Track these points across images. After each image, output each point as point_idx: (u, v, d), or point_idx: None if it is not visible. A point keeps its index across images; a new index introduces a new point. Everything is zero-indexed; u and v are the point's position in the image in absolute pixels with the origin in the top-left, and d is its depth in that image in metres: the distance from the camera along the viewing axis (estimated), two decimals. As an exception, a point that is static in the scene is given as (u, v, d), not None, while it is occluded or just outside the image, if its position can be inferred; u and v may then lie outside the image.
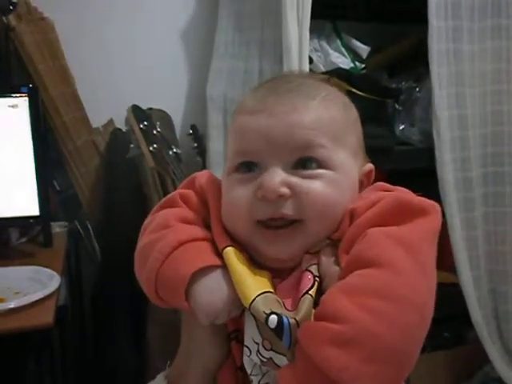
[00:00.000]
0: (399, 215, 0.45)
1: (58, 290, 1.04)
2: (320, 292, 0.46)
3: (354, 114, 0.54)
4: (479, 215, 1.42)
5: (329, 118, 0.49)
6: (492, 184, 1.43)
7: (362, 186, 0.52)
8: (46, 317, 0.94)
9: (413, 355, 0.42)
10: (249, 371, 0.49)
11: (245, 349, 0.48)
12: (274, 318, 0.44)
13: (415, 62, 1.53)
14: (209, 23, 1.57)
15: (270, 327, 0.44)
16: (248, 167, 0.49)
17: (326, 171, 0.48)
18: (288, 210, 0.47)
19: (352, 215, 0.48)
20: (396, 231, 0.44)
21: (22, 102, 1.24)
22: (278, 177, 0.47)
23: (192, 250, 0.48)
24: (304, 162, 0.48)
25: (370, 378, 0.40)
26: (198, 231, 0.50)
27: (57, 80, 1.46)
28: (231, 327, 0.51)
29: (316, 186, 0.47)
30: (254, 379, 0.49)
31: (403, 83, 1.49)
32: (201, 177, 0.55)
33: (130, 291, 1.39)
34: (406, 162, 1.40)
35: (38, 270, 1.13)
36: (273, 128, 0.47)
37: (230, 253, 0.48)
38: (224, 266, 0.48)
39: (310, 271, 0.47)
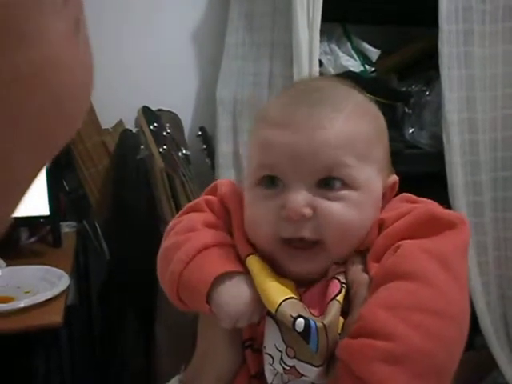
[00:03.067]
0: (429, 227, 0.45)
1: (67, 289, 1.05)
2: (347, 299, 0.46)
3: (381, 124, 0.52)
4: (488, 220, 1.41)
5: (356, 134, 0.48)
6: (502, 189, 1.42)
7: (385, 197, 0.51)
8: (55, 316, 0.95)
9: (454, 368, 0.42)
10: (269, 380, 0.48)
11: (267, 357, 0.48)
12: (300, 321, 0.44)
13: (425, 66, 1.52)
14: (219, 25, 1.58)
15: (296, 331, 0.44)
16: (271, 181, 0.49)
17: (349, 192, 0.47)
18: (307, 232, 0.47)
19: (381, 225, 0.48)
20: (430, 245, 0.44)
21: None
22: (301, 197, 0.46)
23: (216, 254, 0.49)
24: (328, 182, 0.47)
25: None
26: (222, 236, 0.51)
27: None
28: (246, 335, 0.51)
29: (338, 208, 0.47)
30: None
31: (413, 86, 1.48)
32: (222, 185, 0.55)
33: (138, 291, 1.39)
34: (415, 166, 1.39)
35: (48, 269, 1.13)
36: (298, 146, 0.46)
37: (254, 261, 0.48)
38: (247, 273, 0.48)
39: (337, 278, 0.47)
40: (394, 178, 0.52)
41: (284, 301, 0.45)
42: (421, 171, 1.41)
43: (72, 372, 1.26)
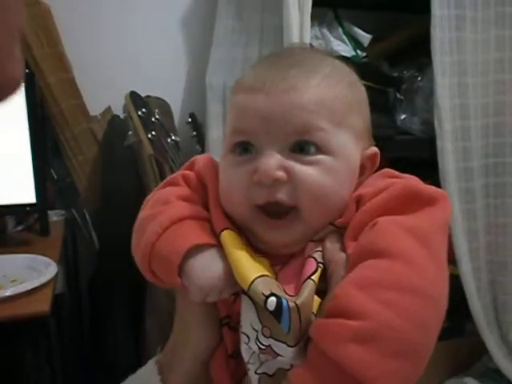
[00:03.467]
0: (408, 203, 0.44)
1: (54, 278, 1.03)
2: (324, 279, 0.45)
3: (360, 92, 0.51)
4: (480, 206, 1.41)
5: (331, 98, 0.46)
6: (493, 175, 1.42)
7: (366, 170, 0.50)
8: (43, 305, 0.94)
9: (430, 349, 0.41)
10: (246, 359, 0.47)
11: (243, 336, 0.47)
12: (272, 300, 0.43)
13: (417, 51, 1.51)
14: (208, 10, 1.55)
15: (268, 309, 0.43)
16: (244, 148, 0.48)
17: (324, 157, 0.46)
18: (283, 195, 0.45)
19: (358, 201, 0.46)
20: (407, 221, 0.43)
21: (18, 88, 1.22)
22: (274, 160, 0.45)
23: (190, 226, 0.48)
24: (302, 146, 0.46)
25: (393, 374, 0.39)
26: (197, 210, 0.50)
27: (54, 67, 1.44)
28: (223, 313, 0.50)
29: (312, 173, 0.45)
30: (251, 367, 0.47)
31: (405, 72, 1.47)
32: (200, 160, 0.54)
33: (127, 280, 1.38)
34: (406, 152, 1.39)
35: (35, 258, 1.12)
36: (270, 109, 0.45)
37: (228, 235, 0.47)
38: (221, 247, 0.47)
39: (313, 257, 0.46)
40: (374, 149, 0.51)
41: (257, 278, 0.44)
42: (412, 157, 1.40)
43: (61, 361, 1.25)
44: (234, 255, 0.46)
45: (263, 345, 0.45)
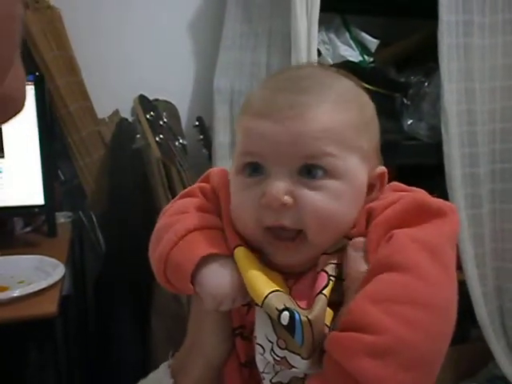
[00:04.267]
0: (418, 215, 0.45)
1: (62, 279, 1.04)
2: (336, 291, 0.45)
3: (369, 113, 0.51)
4: (486, 212, 1.41)
5: (340, 124, 0.47)
6: (500, 181, 1.42)
7: (374, 188, 0.51)
8: (50, 306, 0.94)
9: (442, 360, 0.42)
10: (261, 369, 0.48)
11: (258, 347, 0.47)
12: (286, 314, 0.44)
13: (424, 57, 1.51)
14: (217, 14, 1.56)
15: (282, 324, 0.44)
16: (254, 169, 0.48)
17: (331, 181, 0.46)
18: (288, 220, 0.46)
19: (370, 214, 0.47)
20: (420, 234, 0.44)
21: (28, 91, 1.23)
22: (281, 185, 0.46)
23: (205, 236, 0.49)
24: (310, 169, 0.46)
25: None
26: (214, 220, 0.51)
27: (63, 70, 1.46)
28: (236, 323, 0.51)
29: (319, 198, 0.46)
30: (266, 377, 0.48)
31: (412, 77, 1.48)
32: (215, 174, 0.55)
33: (133, 281, 1.39)
34: (413, 157, 1.39)
35: (43, 259, 1.12)
36: (277, 136, 0.46)
37: (241, 252, 0.48)
38: (234, 259, 0.48)
39: (325, 271, 0.46)
40: (382, 168, 0.51)
41: (270, 293, 0.45)
42: (419, 163, 1.40)
43: (67, 362, 1.25)
44: (248, 271, 0.47)
45: (278, 356, 0.46)
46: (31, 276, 1.05)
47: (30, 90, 1.24)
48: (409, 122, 1.45)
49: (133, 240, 1.37)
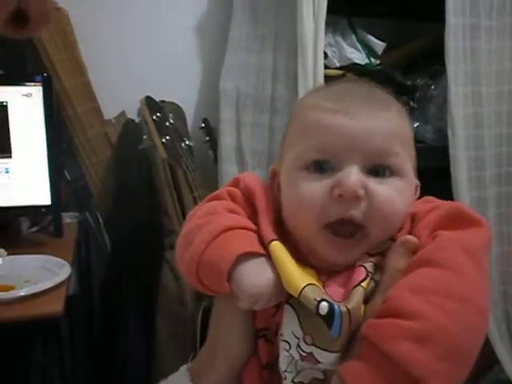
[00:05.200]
0: (459, 221, 0.48)
1: (68, 279, 1.04)
2: (370, 290, 0.46)
3: (412, 131, 0.55)
4: (492, 215, 1.40)
5: (402, 128, 0.51)
6: (506, 184, 1.42)
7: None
8: (56, 306, 0.95)
9: (475, 355, 0.44)
10: (284, 368, 0.49)
11: (283, 343, 0.48)
12: (324, 305, 0.44)
13: (431, 60, 1.51)
14: (223, 16, 1.57)
15: (320, 314, 0.44)
16: (320, 167, 0.49)
17: (396, 179, 0.49)
18: (357, 212, 0.47)
19: (413, 218, 0.50)
20: (462, 237, 0.47)
21: (36, 91, 1.24)
22: (355, 176, 0.47)
23: (239, 235, 0.50)
24: (378, 170, 0.49)
25: (442, 376, 0.41)
26: (246, 221, 0.51)
27: (70, 71, 1.46)
28: (260, 325, 0.52)
29: (386, 192, 0.48)
30: (288, 376, 0.49)
31: (418, 80, 1.47)
32: (245, 177, 0.56)
33: (138, 282, 1.39)
34: (419, 160, 1.38)
35: (49, 259, 1.13)
36: (356, 129, 0.48)
37: (278, 246, 0.49)
38: (269, 257, 0.49)
39: (363, 266, 0.47)
40: (417, 182, 0.55)
41: (307, 286, 0.46)
42: (425, 166, 1.39)
43: (72, 361, 1.26)
44: (283, 264, 0.47)
45: (304, 352, 0.46)
46: (37, 275, 1.06)
47: (38, 91, 1.24)
48: (415, 125, 1.45)
49: (138, 240, 1.37)
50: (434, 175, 1.40)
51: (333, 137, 0.49)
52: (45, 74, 1.28)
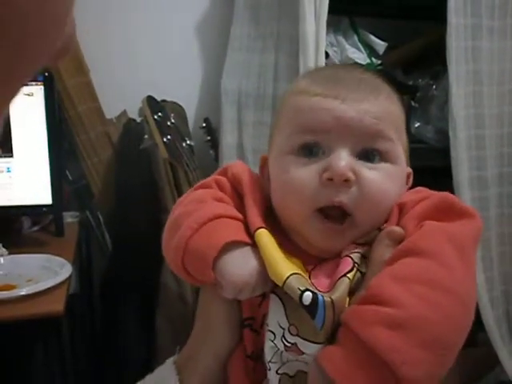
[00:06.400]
0: (448, 212, 0.47)
1: (69, 278, 1.05)
2: (356, 281, 0.46)
3: (404, 116, 0.54)
4: (493, 215, 1.40)
5: (394, 112, 0.51)
6: (507, 184, 1.41)
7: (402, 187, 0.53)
8: (57, 305, 0.95)
9: (457, 347, 0.43)
10: (268, 358, 0.48)
11: (268, 333, 0.47)
12: (308, 294, 0.44)
13: (432, 60, 1.51)
14: (224, 16, 1.57)
15: (303, 304, 0.44)
16: (309, 150, 0.49)
17: (387, 164, 0.49)
18: (346, 198, 0.47)
19: (401, 208, 0.49)
20: (450, 228, 0.45)
21: (37, 91, 1.24)
22: (346, 160, 0.47)
23: (226, 224, 0.49)
24: (368, 154, 0.48)
25: (419, 364, 0.40)
26: (232, 210, 0.51)
27: (72, 70, 1.47)
28: (246, 314, 0.51)
29: (376, 177, 0.48)
30: (273, 367, 0.48)
31: (420, 80, 1.47)
32: (233, 166, 0.55)
33: (139, 281, 1.39)
34: (420, 161, 1.38)
35: (50, 258, 1.13)
36: (346, 112, 0.48)
37: (263, 234, 0.48)
38: (255, 246, 0.48)
39: (350, 257, 0.47)
40: (409, 169, 0.54)
41: (291, 275, 0.45)
42: (426, 166, 1.39)
43: (73, 360, 1.26)
44: (269, 253, 0.47)
45: (289, 342, 0.46)
46: (39, 275, 1.06)
47: (40, 90, 1.24)
48: (416, 125, 1.44)
49: (139, 240, 1.37)
50: (435, 175, 1.40)
51: (323, 118, 0.48)
52: (46, 74, 1.28)
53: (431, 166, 1.42)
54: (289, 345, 0.46)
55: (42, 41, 0.23)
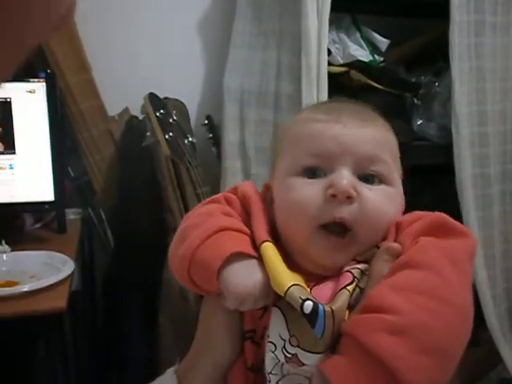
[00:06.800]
0: (443, 231, 0.49)
1: (71, 275, 1.05)
2: (356, 297, 0.47)
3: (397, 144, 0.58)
4: (496, 213, 1.40)
5: (390, 139, 0.54)
6: (510, 182, 1.41)
7: None
8: (60, 301, 0.95)
9: (458, 354, 0.44)
10: (269, 369, 0.49)
11: (269, 345, 0.48)
12: (309, 303, 0.45)
13: (435, 57, 1.51)
14: (226, 13, 1.56)
15: (304, 313, 0.44)
16: (313, 173, 0.51)
17: (385, 186, 0.51)
18: (347, 214, 0.49)
19: (398, 227, 0.51)
20: (444, 244, 0.47)
21: (39, 88, 1.24)
22: (348, 178, 0.49)
23: (232, 236, 0.51)
24: (368, 177, 0.51)
25: (423, 370, 0.41)
26: (240, 224, 0.53)
27: (74, 67, 1.47)
28: (248, 327, 0.52)
29: (376, 196, 0.50)
30: (273, 378, 0.49)
31: (422, 77, 1.47)
32: (243, 185, 0.57)
33: (141, 278, 1.40)
34: (423, 158, 1.38)
35: (52, 255, 1.14)
36: (347, 136, 0.51)
37: (269, 247, 0.50)
38: (260, 259, 0.50)
39: (350, 272, 0.48)
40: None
41: (293, 285, 0.46)
42: (429, 163, 1.39)
43: (75, 357, 1.26)
44: (273, 264, 0.49)
45: (289, 353, 0.47)
46: (41, 271, 1.06)
47: (42, 87, 1.24)
48: (419, 123, 1.44)
49: (141, 237, 1.38)
50: (438, 173, 1.40)
51: (326, 143, 0.51)
52: (48, 71, 1.28)
53: (434, 164, 1.42)
54: (289, 356, 0.47)
55: (46, 9, 0.23)
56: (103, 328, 1.51)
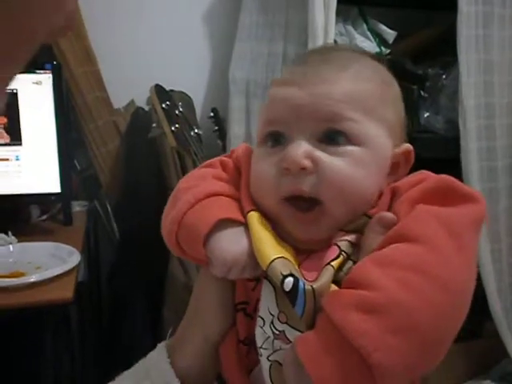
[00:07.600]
0: (444, 196, 0.43)
1: (77, 266, 1.05)
2: (345, 270, 0.44)
3: (393, 90, 0.51)
4: (503, 207, 1.39)
5: (361, 91, 0.47)
6: (517, 175, 1.40)
7: (399, 167, 0.50)
8: (66, 292, 0.96)
9: (443, 341, 0.40)
10: (259, 344, 0.47)
11: (258, 319, 0.47)
12: (289, 280, 0.42)
13: (442, 49, 1.49)
14: (233, 4, 1.56)
15: (284, 290, 0.43)
16: (275, 139, 0.48)
17: (353, 147, 0.46)
18: (306, 186, 0.45)
19: (395, 193, 0.46)
20: (443, 212, 0.42)
21: (45, 79, 1.24)
22: (301, 149, 0.45)
23: (222, 202, 0.49)
24: (331, 136, 0.46)
25: (391, 351, 0.37)
26: (231, 189, 0.51)
27: (80, 59, 1.47)
28: (240, 298, 0.50)
29: (339, 164, 0.45)
30: (264, 353, 0.47)
31: (429, 70, 1.46)
32: (238, 148, 0.55)
33: (146, 270, 1.40)
34: (429, 151, 1.37)
35: (59, 246, 1.14)
36: (301, 99, 0.46)
37: (255, 216, 0.48)
38: (248, 227, 0.48)
39: (337, 245, 0.45)
40: (408, 145, 0.50)
41: (277, 258, 0.44)
42: (435, 156, 1.38)
43: (81, 347, 1.27)
44: (258, 234, 0.46)
45: (277, 330, 0.45)
46: (48, 262, 1.07)
47: (48, 79, 1.25)
48: (425, 115, 1.43)
49: (147, 229, 1.38)
50: (445, 166, 1.38)
51: (280, 108, 0.48)
52: (55, 62, 1.28)
53: (441, 157, 1.41)
54: (277, 332, 0.45)
55: (43, 19, 0.23)
56: (109, 319, 1.52)
